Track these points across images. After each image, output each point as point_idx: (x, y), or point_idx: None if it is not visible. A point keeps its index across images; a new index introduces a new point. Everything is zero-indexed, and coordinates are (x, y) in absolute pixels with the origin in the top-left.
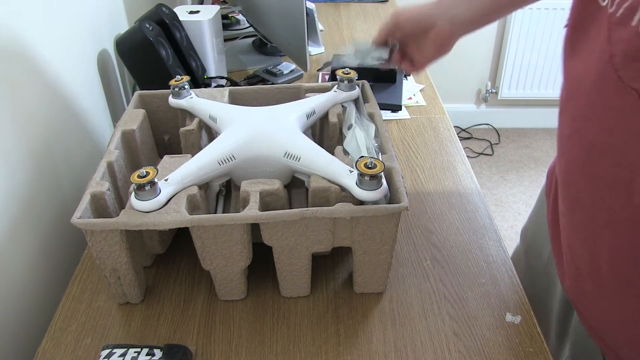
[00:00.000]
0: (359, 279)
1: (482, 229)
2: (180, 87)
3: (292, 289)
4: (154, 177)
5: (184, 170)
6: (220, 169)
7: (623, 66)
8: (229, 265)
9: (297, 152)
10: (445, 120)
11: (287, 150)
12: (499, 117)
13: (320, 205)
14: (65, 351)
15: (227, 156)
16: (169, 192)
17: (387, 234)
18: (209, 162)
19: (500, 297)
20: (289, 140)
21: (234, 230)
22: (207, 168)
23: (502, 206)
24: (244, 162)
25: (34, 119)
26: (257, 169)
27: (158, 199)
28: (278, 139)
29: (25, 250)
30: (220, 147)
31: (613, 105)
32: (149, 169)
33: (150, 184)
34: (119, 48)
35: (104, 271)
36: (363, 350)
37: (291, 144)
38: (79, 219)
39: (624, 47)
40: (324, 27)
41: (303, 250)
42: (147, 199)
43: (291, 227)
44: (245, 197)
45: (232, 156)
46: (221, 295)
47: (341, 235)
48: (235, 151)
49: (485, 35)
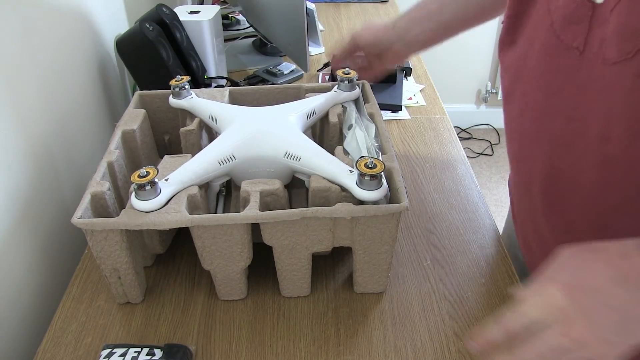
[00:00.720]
0: (359, 278)
1: (482, 229)
2: (180, 87)
3: (292, 289)
4: (154, 177)
5: (184, 170)
6: (220, 169)
7: (562, 29)
8: (229, 265)
9: (298, 152)
10: (445, 120)
11: (287, 150)
12: (499, 117)
13: (321, 205)
14: (66, 351)
15: (228, 156)
16: (169, 192)
17: (387, 234)
18: (210, 162)
19: (500, 297)
20: (289, 140)
21: (234, 230)
22: (207, 168)
23: (502, 206)
24: (244, 162)
25: (34, 119)
26: (257, 168)
27: (158, 198)
28: (278, 139)
29: (25, 250)
30: (221, 147)
31: (559, 66)
32: (150, 168)
33: (150, 183)
34: (119, 48)
35: (104, 271)
36: (363, 350)
37: (291, 144)
38: (79, 219)
39: (561, 13)
40: (324, 27)
41: (303, 250)
42: (147, 199)
43: (291, 227)
44: (245, 197)
45: (232, 156)
46: (221, 295)
47: (341, 235)
48: (236, 151)
49: (485, 35)
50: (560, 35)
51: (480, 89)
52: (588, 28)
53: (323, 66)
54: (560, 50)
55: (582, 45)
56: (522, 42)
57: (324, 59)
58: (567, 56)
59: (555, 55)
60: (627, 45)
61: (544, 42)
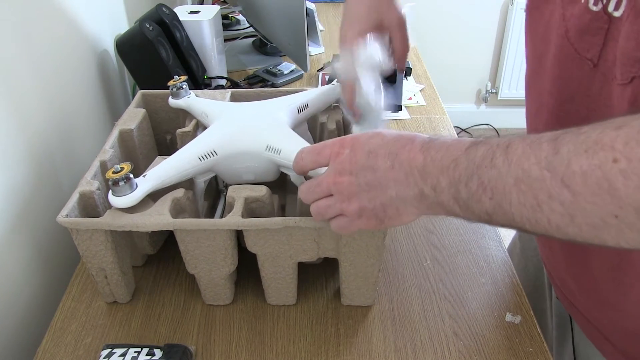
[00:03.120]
0: (345, 290)
1: (482, 229)
2: (178, 87)
3: (278, 297)
4: (128, 172)
5: (164, 166)
6: (201, 165)
7: (577, 39)
8: (213, 270)
9: (278, 144)
10: (445, 120)
11: (268, 143)
12: (499, 117)
13: (308, 213)
14: (66, 351)
15: (208, 151)
16: (145, 187)
17: (373, 247)
18: (189, 157)
19: (500, 297)
20: (271, 134)
21: (216, 236)
22: (187, 164)
23: None
24: (226, 157)
25: (34, 119)
26: (240, 164)
27: (133, 194)
28: (260, 133)
29: (25, 250)
30: (202, 142)
31: (572, 75)
32: (124, 164)
33: (125, 179)
34: (119, 48)
35: (91, 270)
36: (363, 350)
37: (272, 137)
38: (64, 218)
39: (576, 22)
40: (324, 27)
41: (287, 259)
42: (122, 195)
43: (274, 235)
44: (230, 202)
45: (213, 151)
46: (207, 299)
47: (327, 246)
48: (217, 146)
49: (485, 36)
50: (574, 44)
51: (480, 89)
52: (603, 41)
53: (323, 66)
54: (574, 59)
55: (596, 59)
56: (540, 37)
57: (324, 59)
58: (580, 67)
59: (569, 62)
60: (625, 69)
61: (559, 47)
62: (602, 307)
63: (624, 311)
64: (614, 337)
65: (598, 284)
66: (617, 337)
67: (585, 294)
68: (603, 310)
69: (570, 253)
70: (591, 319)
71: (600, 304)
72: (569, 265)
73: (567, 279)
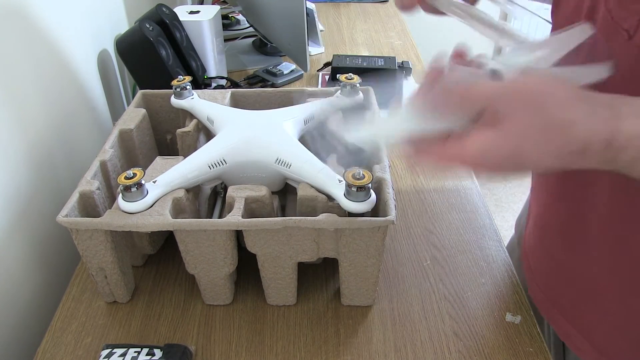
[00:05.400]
0: (345, 291)
1: (482, 229)
2: (182, 87)
3: (278, 298)
4: (140, 179)
5: (174, 173)
6: (210, 173)
7: (617, 6)
8: (213, 270)
9: (289, 158)
10: None
11: (278, 156)
12: None
13: (307, 214)
14: (66, 351)
15: (218, 160)
16: (156, 194)
17: (372, 248)
18: (199, 165)
19: (500, 297)
20: (281, 147)
21: (216, 236)
22: (197, 171)
23: (502, 206)
24: (235, 166)
25: (34, 119)
26: (248, 173)
27: (145, 200)
28: (270, 145)
29: (25, 250)
30: (212, 150)
31: (610, 47)
32: (137, 170)
33: (137, 185)
34: (119, 48)
35: (91, 270)
36: (363, 350)
37: (283, 150)
38: (64, 217)
39: None
40: (324, 27)
41: (287, 260)
42: (133, 200)
43: (274, 235)
44: (230, 202)
45: (222, 160)
46: (206, 299)
47: (326, 246)
48: (227, 155)
49: None
50: (612, 11)
51: None
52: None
53: (323, 66)
54: (611, 30)
55: (632, 29)
56: (569, 7)
57: (324, 59)
58: (616, 39)
59: (607, 34)
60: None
61: (590, 15)
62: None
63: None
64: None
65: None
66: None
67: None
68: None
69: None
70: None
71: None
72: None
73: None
